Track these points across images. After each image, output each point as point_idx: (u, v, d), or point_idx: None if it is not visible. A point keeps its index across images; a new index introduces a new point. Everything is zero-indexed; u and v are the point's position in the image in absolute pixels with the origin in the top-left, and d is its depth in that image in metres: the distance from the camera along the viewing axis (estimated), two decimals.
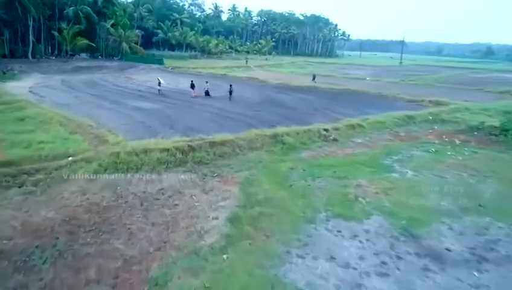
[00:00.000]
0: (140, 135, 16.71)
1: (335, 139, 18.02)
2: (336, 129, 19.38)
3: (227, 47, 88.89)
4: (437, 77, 58.97)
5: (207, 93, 31.25)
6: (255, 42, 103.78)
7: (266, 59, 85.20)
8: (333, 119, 23.55)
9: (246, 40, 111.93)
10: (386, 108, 29.20)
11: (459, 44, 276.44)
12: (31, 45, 48.63)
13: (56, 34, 52.27)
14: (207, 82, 31.67)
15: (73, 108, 23.92)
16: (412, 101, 32.06)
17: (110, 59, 59.74)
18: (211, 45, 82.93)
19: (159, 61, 57.65)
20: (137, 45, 64.33)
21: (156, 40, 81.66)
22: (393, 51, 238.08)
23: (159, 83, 32.03)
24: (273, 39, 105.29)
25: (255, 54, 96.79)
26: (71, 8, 52.66)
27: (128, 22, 64.37)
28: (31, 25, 48.68)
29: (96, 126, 17.85)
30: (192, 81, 32.54)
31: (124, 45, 58.14)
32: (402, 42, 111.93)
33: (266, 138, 16.75)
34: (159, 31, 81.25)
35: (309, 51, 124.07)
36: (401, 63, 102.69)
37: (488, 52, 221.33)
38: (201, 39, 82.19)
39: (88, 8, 53.74)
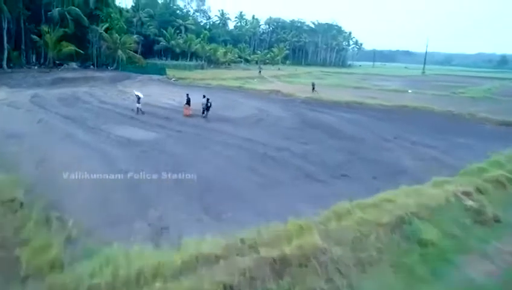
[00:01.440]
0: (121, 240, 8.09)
1: (497, 220, 9.24)
2: (479, 191, 10.57)
3: (236, 56, 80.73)
4: (485, 89, 50.21)
5: (206, 110, 23.20)
6: (266, 51, 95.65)
7: (279, 69, 77.00)
8: (431, 160, 15.00)
9: (254, 49, 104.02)
10: (484, 136, 20.53)
11: (466, 54, 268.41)
12: (5, 53, 40.31)
13: (36, 38, 43.87)
14: (205, 96, 23.57)
15: (23, 142, 15.30)
16: (507, 124, 23.33)
17: (103, 69, 51.39)
18: (218, 53, 74.75)
19: (161, 71, 49.31)
20: (136, 53, 56.08)
21: (158, 49, 73.68)
22: (399, 61, 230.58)
23: (138, 99, 23.88)
24: (286, 48, 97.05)
25: (267, 63, 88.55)
26: (57, 8, 44.45)
27: (125, 27, 56.15)
28: (5, 28, 40.35)
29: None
30: (187, 95, 24.65)
31: (120, 52, 49.86)
32: (426, 53, 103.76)
33: (377, 228, 7.93)
34: (160, 38, 73.32)
35: (321, 60, 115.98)
36: (423, 72, 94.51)
37: (502, 62, 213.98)
38: (208, 47, 74.09)
39: (77, 10, 45.42)
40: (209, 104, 23.18)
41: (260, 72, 61.69)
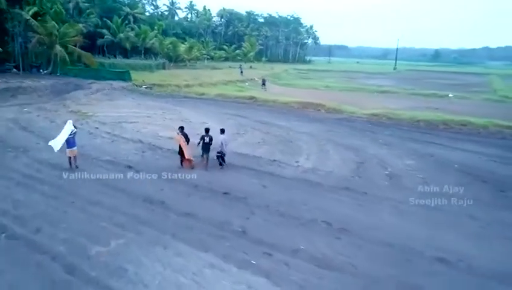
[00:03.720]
0: None
1: None
2: None
3: (202, 53, 67.29)
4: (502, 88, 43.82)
5: (220, 157, 12.72)
6: (235, 46, 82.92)
7: (251, 67, 65.50)
8: None
9: (208, 44, 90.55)
10: None
11: (410, 48, 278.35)
12: None
13: None
14: (223, 131, 12.32)
15: None
16: None
17: (33, 74, 35.54)
18: (180, 49, 60.93)
19: (123, 76, 35.07)
20: (80, 49, 40.22)
21: (101, 44, 57.77)
22: (336, 56, 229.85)
23: (69, 143, 11.84)
24: (258, 43, 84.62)
25: (239, 60, 76.15)
26: None
27: (64, 12, 40.11)
28: None
29: None
30: (181, 128, 13.04)
31: (59, 49, 34.48)
32: (397, 49, 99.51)
33: None
34: (104, 30, 57.54)
35: (282, 56, 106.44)
36: (395, 68, 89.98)
37: (435, 55, 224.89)
38: (166, 42, 59.95)
39: None
40: (207, 140, 12.49)
41: (242, 72, 49.83)
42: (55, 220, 8.70)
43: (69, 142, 12.11)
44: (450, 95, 34.82)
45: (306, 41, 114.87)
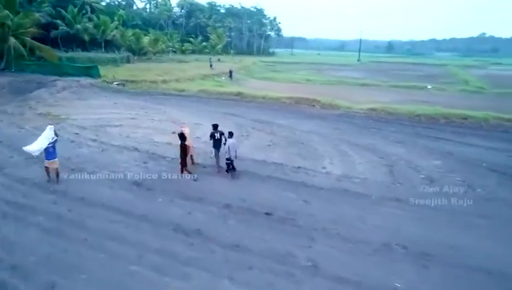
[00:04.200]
0: None
1: None
2: None
3: (168, 45, 63.56)
4: (472, 79, 45.22)
5: (229, 165, 11.50)
6: (201, 38, 79.31)
7: (219, 60, 63.10)
8: None
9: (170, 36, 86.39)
10: None
11: (365, 40, 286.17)
12: None
13: None
14: (232, 135, 11.61)
15: None
16: None
17: None
18: (144, 42, 57.11)
19: (90, 72, 31.61)
20: (37, 42, 35.71)
21: (56, 35, 52.62)
22: (296, 48, 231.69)
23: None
24: (226, 34, 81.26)
25: (207, 53, 73.01)
26: None
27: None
28: None
29: None
30: (181, 131, 11.26)
31: (13, 41, 30.26)
32: (360, 40, 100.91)
33: None
34: (58, 21, 52.44)
35: (246, 48, 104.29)
36: (359, 60, 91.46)
37: (389, 47, 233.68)
38: (129, 34, 55.91)
39: None
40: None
41: (211, 65, 47.32)
42: (69, 268, 6.68)
43: (49, 153, 9.99)
44: (429, 87, 35.14)
45: (269, 33, 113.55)
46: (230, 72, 38.97)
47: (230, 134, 11.33)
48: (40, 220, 8.36)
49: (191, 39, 78.21)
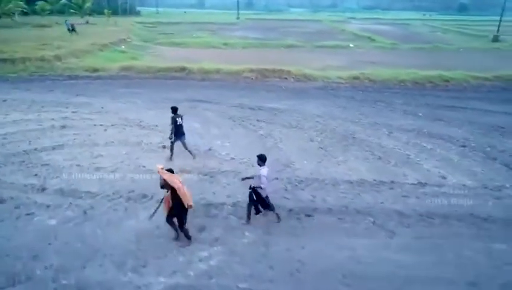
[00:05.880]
0: None
1: None
2: None
3: (18, 3, 46.45)
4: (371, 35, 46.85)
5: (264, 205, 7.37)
6: None
7: (88, 22, 50.87)
8: None
9: None
10: None
11: None
12: None
13: None
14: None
15: None
16: None
17: None
18: None
19: None
20: None
21: None
22: (154, 6, 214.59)
23: None
24: None
25: (75, 14, 56.91)
26: None
27: None
28: None
29: None
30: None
31: None
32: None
33: None
34: None
35: (108, 6, 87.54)
36: (238, 18, 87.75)
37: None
38: None
39: None
40: None
41: (72, 30, 35.12)
42: None
43: None
44: (351, 45, 34.50)
45: None
46: (72, 26, 34.15)
47: (262, 159, 6.85)
48: None
49: None
